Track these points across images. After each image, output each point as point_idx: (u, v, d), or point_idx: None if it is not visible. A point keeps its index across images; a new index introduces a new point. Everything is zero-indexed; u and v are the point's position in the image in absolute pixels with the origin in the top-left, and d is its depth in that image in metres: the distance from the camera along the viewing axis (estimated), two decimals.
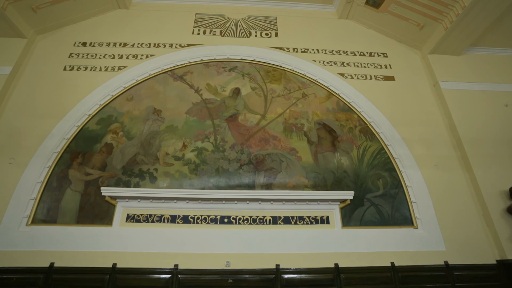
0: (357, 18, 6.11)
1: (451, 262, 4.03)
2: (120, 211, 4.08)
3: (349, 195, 4.28)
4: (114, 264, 3.73)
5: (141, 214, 4.10)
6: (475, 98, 5.29)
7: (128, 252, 3.83)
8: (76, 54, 5.34)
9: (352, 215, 4.28)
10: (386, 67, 5.69)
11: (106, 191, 4.07)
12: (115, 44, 5.51)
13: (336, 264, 3.89)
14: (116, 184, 4.25)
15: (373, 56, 5.80)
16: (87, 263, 3.72)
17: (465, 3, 4.80)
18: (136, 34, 5.64)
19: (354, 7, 5.93)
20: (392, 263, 3.96)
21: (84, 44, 5.48)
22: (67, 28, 5.62)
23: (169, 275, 3.73)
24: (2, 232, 3.83)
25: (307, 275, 3.81)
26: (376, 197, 4.45)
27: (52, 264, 3.69)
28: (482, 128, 4.99)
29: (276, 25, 6.02)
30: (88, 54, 5.36)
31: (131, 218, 4.06)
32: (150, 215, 4.10)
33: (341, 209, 4.30)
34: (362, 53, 5.81)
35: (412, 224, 4.30)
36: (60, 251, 3.79)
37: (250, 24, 5.98)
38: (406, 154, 4.78)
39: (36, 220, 3.99)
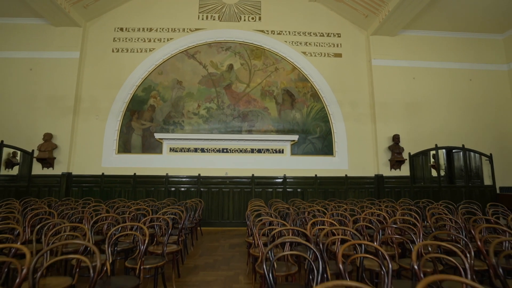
0: (322, 1, 8.10)
1: (349, 175, 7.49)
2: (166, 146, 7.39)
3: (295, 137, 7.47)
4: (167, 173, 7.25)
5: (177, 147, 7.42)
6: (394, 72, 7.87)
7: (173, 167, 7.30)
8: (118, 39, 7.79)
9: (297, 149, 7.57)
10: (337, 45, 8.07)
11: (157, 135, 7.30)
12: (144, 29, 7.85)
13: (285, 174, 7.39)
14: (161, 130, 7.44)
15: (330, 36, 8.10)
16: (152, 173, 7.24)
17: (389, 8, 6.94)
18: (158, 20, 7.89)
19: None
20: (316, 175, 7.44)
21: (121, 29, 7.85)
22: (106, 15, 7.88)
23: (196, 179, 7.29)
24: (105, 158, 7.25)
25: (268, 179, 7.35)
26: (314, 138, 7.65)
27: (135, 173, 7.22)
28: (392, 95, 7.77)
29: (260, 9, 8.11)
30: (126, 38, 7.80)
31: (172, 150, 7.40)
32: (183, 148, 7.43)
33: (291, 145, 7.56)
34: (321, 34, 8.09)
35: (332, 154, 7.61)
36: (137, 167, 7.27)
37: (241, 8, 8.07)
38: (337, 111, 7.74)
39: (119, 151, 7.36)
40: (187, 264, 4.15)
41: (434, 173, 8.29)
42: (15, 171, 7.62)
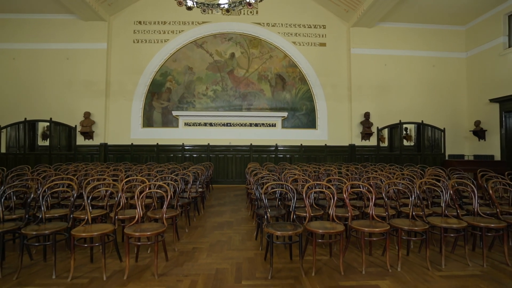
0: None
1: (328, 144, 9.56)
2: (181, 121, 9.37)
3: (285, 114, 9.43)
4: (183, 143, 9.32)
5: (191, 122, 9.40)
6: (368, 59, 9.59)
7: (188, 138, 9.35)
8: (137, 31, 9.43)
9: (287, 123, 9.55)
10: (322, 36, 9.71)
11: (174, 113, 9.26)
12: (158, 22, 9.46)
13: (276, 144, 9.46)
14: (177, 109, 9.37)
15: (316, 28, 9.71)
16: (171, 143, 9.31)
17: (364, 7, 8.52)
18: (170, 14, 9.46)
19: None
20: (301, 144, 9.51)
21: (140, 22, 9.46)
22: (126, 9, 9.44)
23: (205, 147, 9.37)
24: (133, 130, 9.27)
25: (263, 148, 9.44)
26: (300, 114, 9.60)
27: (157, 143, 9.30)
28: (366, 79, 9.56)
29: (257, 4, 9.60)
30: (144, 30, 9.44)
31: (187, 124, 9.40)
32: (195, 123, 9.41)
33: (282, 120, 9.53)
34: (309, 26, 9.70)
35: (315, 127, 9.61)
36: (159, 138, 9.32)
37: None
38: (320, 93, 9.60)
39: (144, 125, 9.36)
40: (206, 204, 6.35)
41: (405, 142, 10.33)
42: (48, 141, 9.58)
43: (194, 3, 4.55)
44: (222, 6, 4.64)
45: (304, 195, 3.19)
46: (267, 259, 3.16)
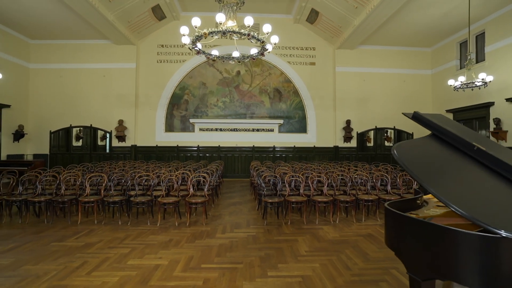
0: (303, 23, 11.98)
1: (316, 146, 12.00)
2: (197, 127, 11.83)
3: (281, 121, 11.87)
4: (198, 145, 11.79)
5: (204, 128, 11.85)
6: (350, 76, 11.99)
7: (202, 141, 11.82)
8: (160, 53, 11.85)
9: (283, 128, 11.99)
10: (313, 56, 12.11)
11: (191, 120, 11.72)
12: (177, 45, 11.87)
13: (274, 145, 11.92)
14: (193, 117, 11.82)
15: (307, 50, 12.10)
16: (189, 145, 11.78)
17: (345, 35, 10.91)
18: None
19: (301, 19, 11.75)
20: (294, 146, 11.95)
21: (162, 45, 11.88)
22: (151, 35, 11.85)
23: (216, 148, 11.83)
24: (157, 134, 11.74)
25: (263, 149, 11.89)
26: (294, 121, 12.03)
27: (177, 145, 11.77)
28: (348, 92, 11.97)
29: (259, 29, 12.00)
30: (166, 52, 11.86)
31: (201, 129, 11.85)
32: (208, 128, 11.86)
33: (279, 126, 11.97)
34: (301, 48, 12.09)
35: (306, 132, 12.04)
36: (178, 141, 11.79)
37: None
38: (310, 104, 12.02)
39: (166, 130, 11.82)
40: (221, 192, 8.81)
41: (387, 143, 12.76)
42: (80, 142, 12.11)
43: (217, 58, 6.95)
44: (235, 59, 7.01)
45: (286, 181, 5.63)
46: (264, 218, 5.61)
